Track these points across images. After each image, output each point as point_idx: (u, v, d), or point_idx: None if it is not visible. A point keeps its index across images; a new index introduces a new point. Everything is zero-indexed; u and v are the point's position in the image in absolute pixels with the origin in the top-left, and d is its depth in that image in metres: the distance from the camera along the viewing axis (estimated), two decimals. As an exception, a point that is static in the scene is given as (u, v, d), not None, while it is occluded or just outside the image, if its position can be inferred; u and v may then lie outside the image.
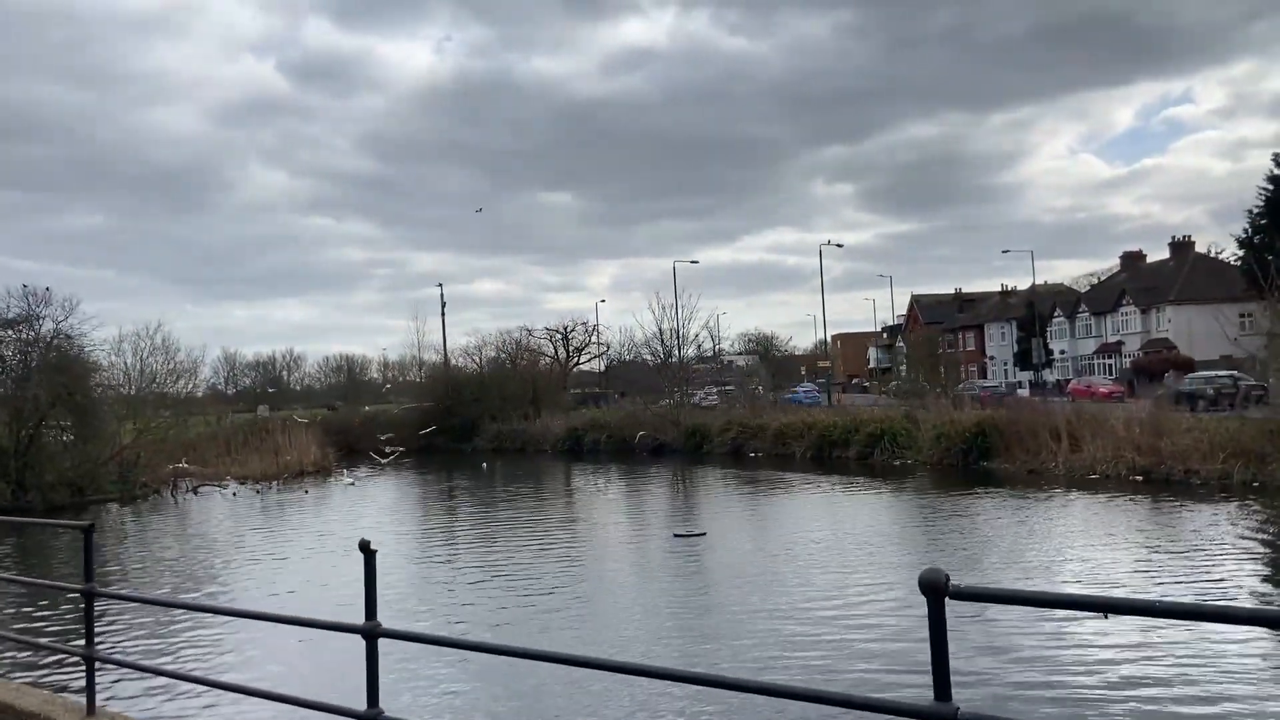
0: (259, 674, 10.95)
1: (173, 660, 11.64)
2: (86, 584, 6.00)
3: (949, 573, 2.66)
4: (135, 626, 13.63)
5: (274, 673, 11.18)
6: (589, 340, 79.96)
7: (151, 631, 13.41)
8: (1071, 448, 30.76)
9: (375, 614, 4.41)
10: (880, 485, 31.42)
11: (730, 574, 17.71)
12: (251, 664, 11.81)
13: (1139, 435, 28.62)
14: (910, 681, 10.11)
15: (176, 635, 13.30)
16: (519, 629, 13.75)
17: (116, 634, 13.07)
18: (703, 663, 11.57)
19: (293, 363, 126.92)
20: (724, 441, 47.81)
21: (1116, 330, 74.44)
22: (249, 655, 12.29)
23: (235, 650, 12.67)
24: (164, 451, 42.53)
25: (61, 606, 15.85)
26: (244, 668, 11.45)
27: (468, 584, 17.80)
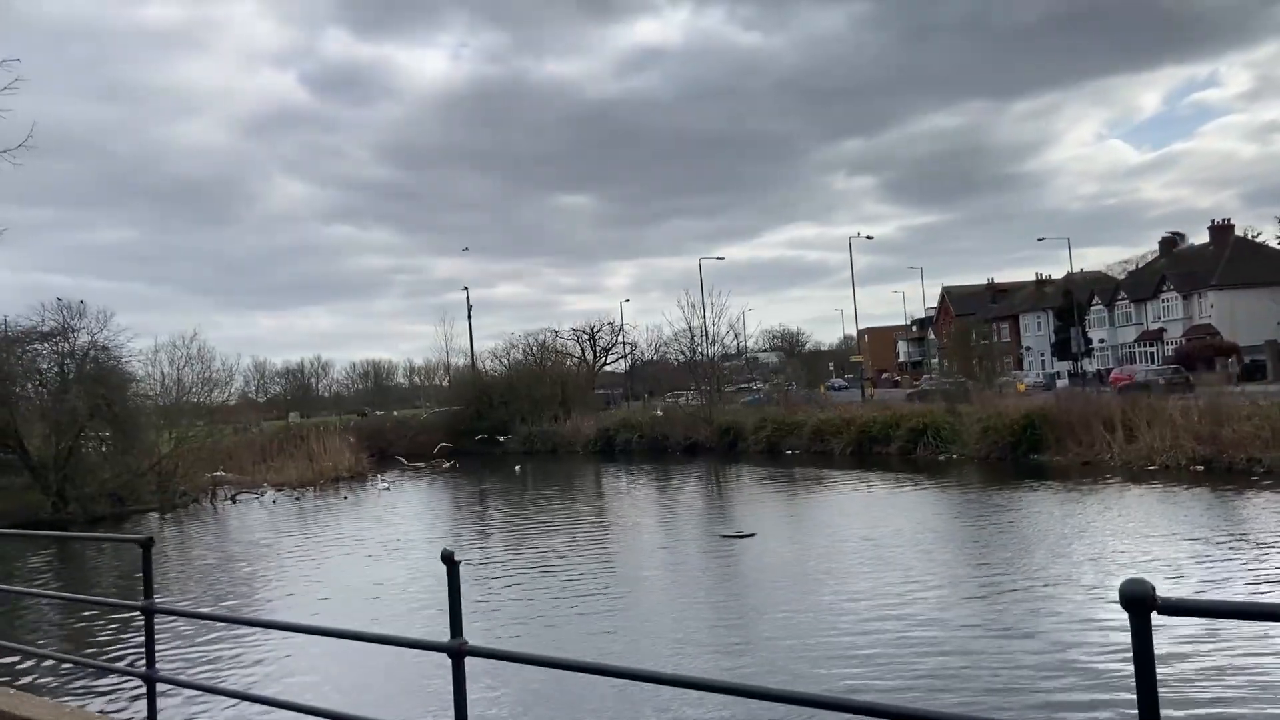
0: (330, 692, 10.53)
1: (239, 680, 11.19)
2: (146, 600, 5.58)
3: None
4: (193, 643, 13.26)
5: (347, 690, 10.76)
6: (615, 340, 79.40)
7: (212, 649, 12.94)
8: (1127, 438, 29.85)
9: (461, 630, 3.90)
10: (928, 481, 30.65)
11: (785, 576, 17.10)
12: (324, 681, 11.37)
13: (1198, 423, 27.68)
14: (1019, 701, 9.49)
15: (239, 652, 12.80)
16: (578, 639, 13.24)
17: (176, 652, 12.64)
18: (780, 674, 11.00)
19: (320, 370, 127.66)
20: (759, 439, 47.13)
21: (1157, 317, 73.00)
22: (322, 672, 11.84)
23: (311, 668, 12.18)
24: (201, 460, 42.49)
25: (108, 622, 15.56)
26: (314, 686, 11.01)
27: (516, 589, 17.31)
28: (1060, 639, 11.84)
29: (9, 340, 36.85)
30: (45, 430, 35.80)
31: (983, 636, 12.28)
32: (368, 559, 21.93)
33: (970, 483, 29.43)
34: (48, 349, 38.26)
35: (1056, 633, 12.18)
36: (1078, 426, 31.69)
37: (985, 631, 12.51)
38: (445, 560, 3.98)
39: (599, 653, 12.08)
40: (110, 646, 13.38)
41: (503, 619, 14.81)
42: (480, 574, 18.68)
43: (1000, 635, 12.27)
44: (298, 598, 17.89)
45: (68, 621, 15.87)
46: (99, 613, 14.58)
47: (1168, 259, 77.26)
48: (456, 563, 4.02)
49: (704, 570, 18.19)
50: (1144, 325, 75.18)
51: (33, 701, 8.37)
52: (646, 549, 21.26)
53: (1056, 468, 30.58)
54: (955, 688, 10.29)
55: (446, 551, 3.99)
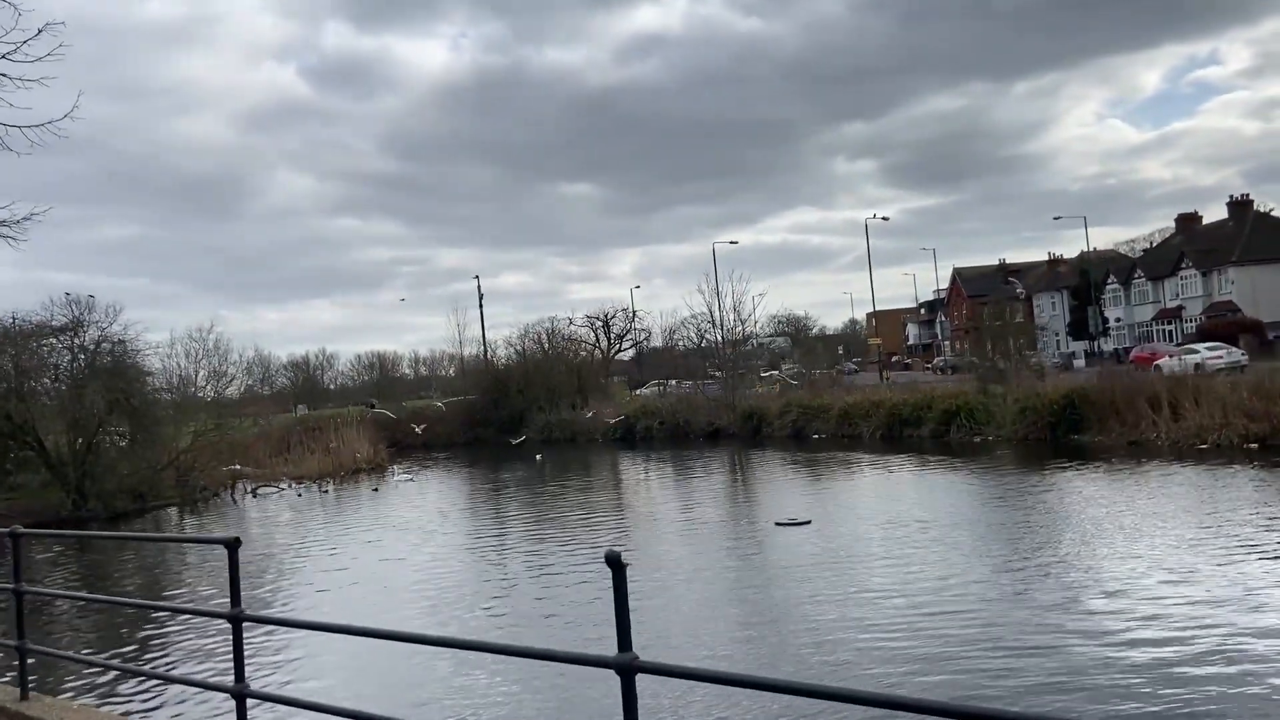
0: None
1: (332, 692, 10.48)
2: (234, 609, 4.89)
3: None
4: (280, 651, 11.91)
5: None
6: (629, 327, 78.68)
7: (301, 659, 11.89)
8: (1173, 416, 29.17)
9: (630, 644, 3.27)
10: (969, 464, 29.97)
11: (854, 565, 16.43)
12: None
13: (1249, 400, 27.00)
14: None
15: (327, 661, 11.93)
16: (666, 640, 12.59)
17: (263, 663, 11.81)
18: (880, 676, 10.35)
19: (325, 362, 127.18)
20: (784, 424, 46.46)
21: (1176, 295, 72.15)
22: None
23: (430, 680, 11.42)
24: (218, 454, 41.83)
25: (184, 628, 14.91)
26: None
27: (586, 588, 16.66)
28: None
29: (23, 335, 36.15)
30: (63, 426, 35.13)
31: (1079, 633, 11.64)
32: (431, 559, 21.28)
33: (1015, 465, 28.76)
34: (62, 344, 37.58)
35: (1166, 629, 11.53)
36: (1121, 405, 30.99)
37: (1080, 626, 11.86)
38: (611, 563, 3.32)
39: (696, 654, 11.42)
40: (193, 657, 12.17)
41: (592, 619, 14.15)
42: (554, 573, 18.05)
43: (1101, 640, 11.61)
44: (380, 597, 17.25)
45: (126, 627, 15.21)
46: (162, 619, 13.86)
47: (1184, 236, 76.36)
48: (624, 566, 3.35)
49: (772, 560, 17.49)
50: (1161, 303, 74.33)
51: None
52: (702, 538, 20.60)
53: (1100, 448, 29.90)
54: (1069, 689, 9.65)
55: (612, 553, 3.33)
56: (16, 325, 35.38)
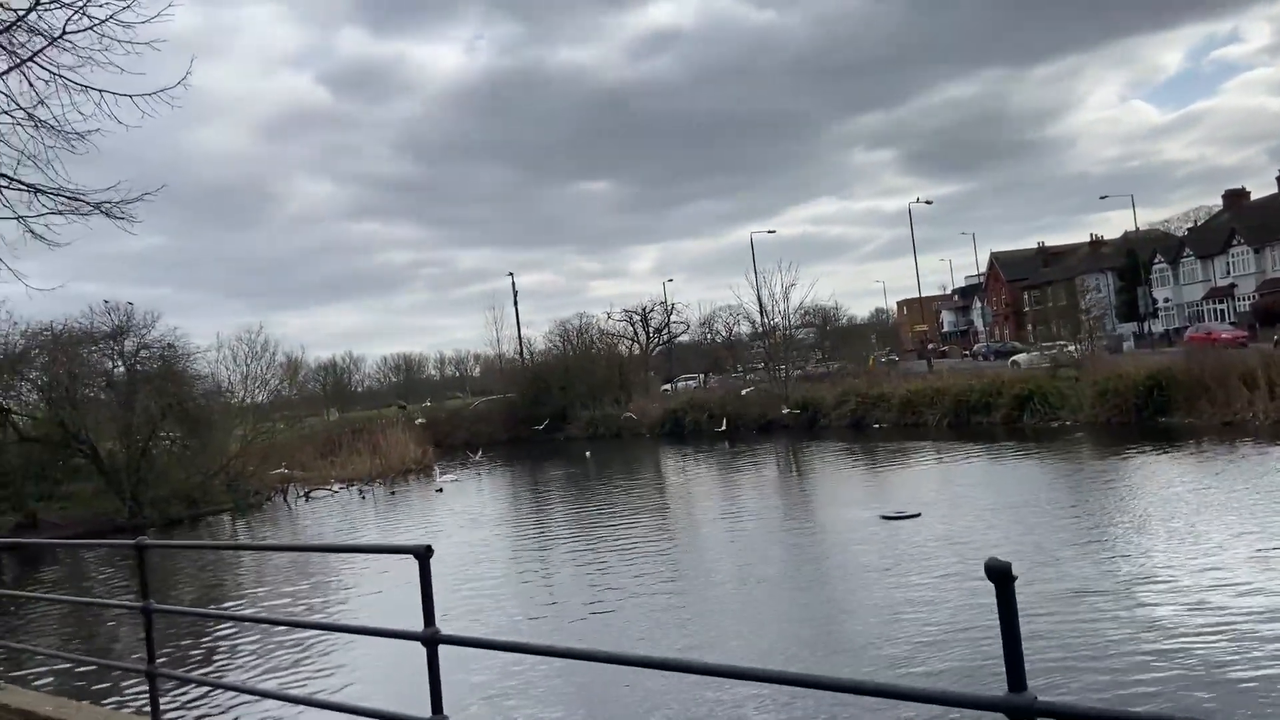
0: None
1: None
2: (428, 629, 4.25)
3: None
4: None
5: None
6: (667, 321, 77.61)
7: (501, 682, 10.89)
8: (1269, 395, 27.83)
9: (1024, 685, 2.50)
10: (1053, 449, 28.77)
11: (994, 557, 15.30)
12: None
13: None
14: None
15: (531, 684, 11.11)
16: (817, 646, 11.57)
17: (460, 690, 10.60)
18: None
19: (353, 364, 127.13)
20: (842, 415, 45.27)
21: (1227, 273, 70.31)
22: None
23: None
24: (266, 458, 41.16)
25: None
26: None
27: (727, 590, 15.66)
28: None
29: (73, 341, 35.54)
30: (115, 433, 34.50)
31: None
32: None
33: (1105, 449, 27.47)
34: (112, 349, 36.95)
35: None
36: (1212, 385, 29.66)
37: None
38: (996, 575, 2.54)
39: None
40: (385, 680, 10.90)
41: (760, 625, 13.16)
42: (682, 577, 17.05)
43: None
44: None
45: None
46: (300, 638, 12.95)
47: (1233, 212, 74.46)
48: (1012, 579, 2.55)
49: (898, 556, 16.38)
50: (1212, 282, 72.51)
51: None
52: (812, 534, 19.54)
53: (1192, 430, 28.61)
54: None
55: (996, 564, 2.55)
56: (66, 332, 34.75)
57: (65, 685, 11.75)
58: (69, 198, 8.92)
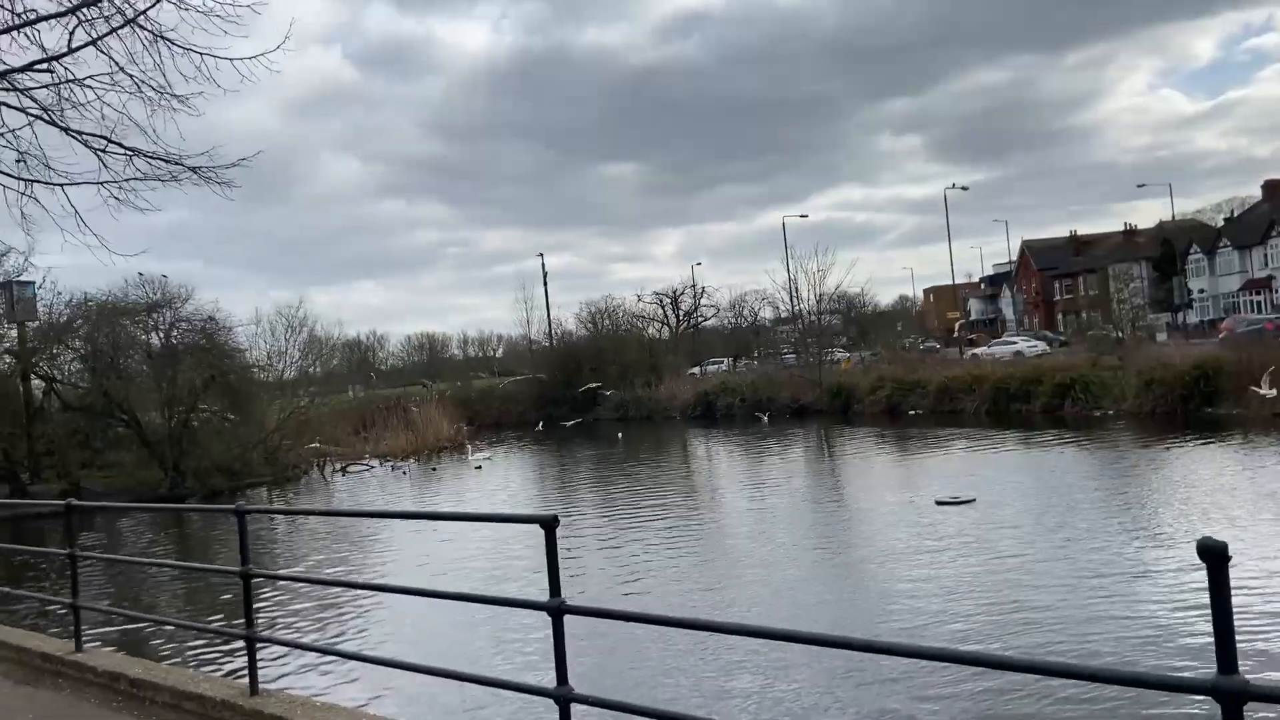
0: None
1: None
2: (554, 599, 4.25)
3: None
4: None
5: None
6: (697, 304, 77.42)
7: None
8: (1324, 387, 27.42)
9: (1235, 668, 2.45)
10: (1096, 439, 28.51)
11: (1057, 549, 15.20)
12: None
13: None
14: None
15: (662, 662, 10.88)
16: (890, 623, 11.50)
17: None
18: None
19: (377, 343, 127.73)
20: (876, 400, 45.03)
21: (1266, 264, 69.32)
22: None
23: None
24: (303, 433, 41.39)
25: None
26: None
27: (800, 568, 15.61)
28: None
29: (116, 312, 35.77)
30: (158, 403, 34.77)
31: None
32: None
33: (1153, 438, 27.18)
34: (153, 321, 37.21)
35: None
36: (1260, 376, 29.21)
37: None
38: (1209, 555, 2.42)
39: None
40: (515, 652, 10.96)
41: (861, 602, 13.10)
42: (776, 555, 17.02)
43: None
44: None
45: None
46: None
47: (1273, 204, 73.25)
48: (1228, 559, 2.45)
49: (965, 542, 16.24)
50: (1249, 273, 71.52)
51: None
52: (867, 518, 19.45)
53: (1240, 421, 28.26)
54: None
55: (1210, 543, 2.43)
56: (110, 303, 34.99)
57: (155, 649, 11.88)
58: (168, 161, 8.89)
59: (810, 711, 8.82)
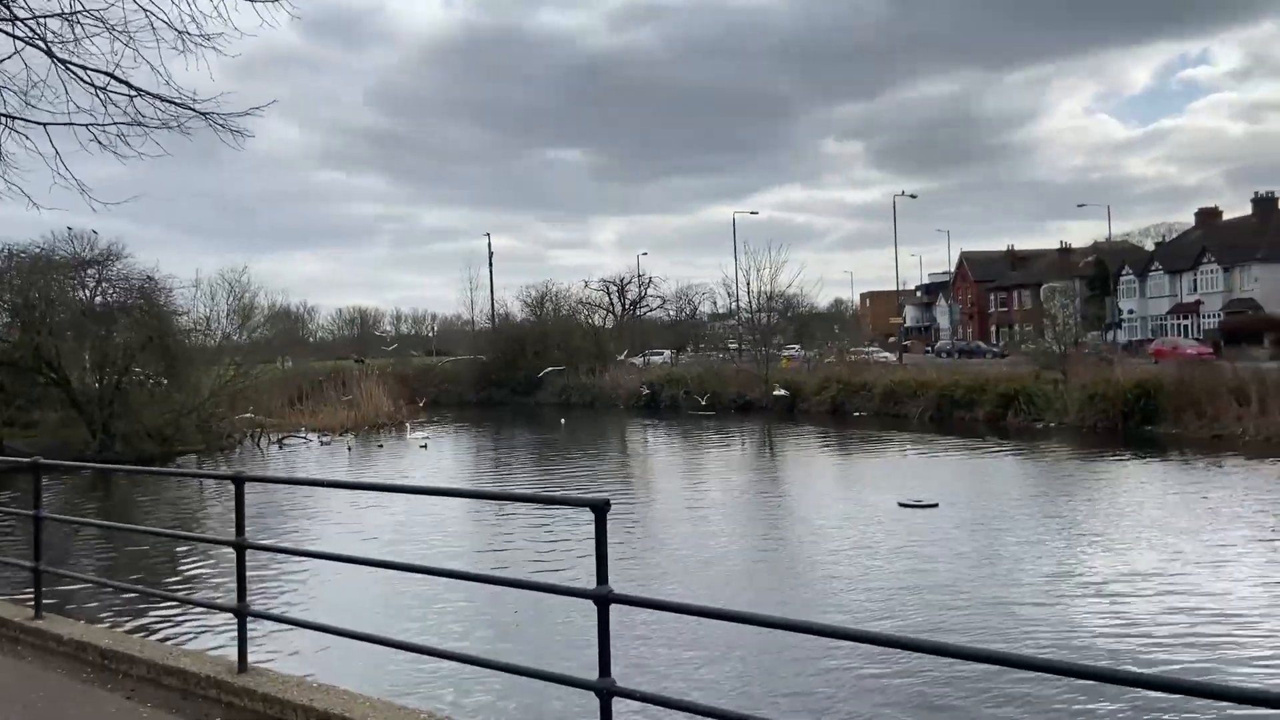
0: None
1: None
2: (600, 587, 4.14)
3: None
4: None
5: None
6: (643, 294, 77.28)
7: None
8: (1260, 411, 28.37)
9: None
10: (1048, 450, 29.05)
11: (1035, 555, 15.38)
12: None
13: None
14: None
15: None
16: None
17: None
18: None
19: (307, 314, 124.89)
20: (822, 400, 45.41)
21: (1195, 289, 71.77)
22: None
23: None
24: (235, 401, 40.07)
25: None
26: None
27: (763, 568, 15.45)
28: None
29: (46, 266, 34.11)
30: (90, 363, 33.29)
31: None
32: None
33: (1096, 452, 27.79)
34: (86, 278, 35.61)
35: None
36: (1201, 397, 30.16)
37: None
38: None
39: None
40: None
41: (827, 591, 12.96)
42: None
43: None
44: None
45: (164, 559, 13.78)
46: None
47: (1205, 230, 75.86)
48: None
49: (929, 544, 16.34)
50: (1178, 297, 74.01)
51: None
52: (827, 518, 19.42)
53: (1178, 440, 29.08)
54: None
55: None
56: (44, 256, 33.36)
57: (132, 621, 11.24)
58: (177, 105, 8.30)
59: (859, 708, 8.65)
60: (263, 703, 5.63)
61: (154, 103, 8.30)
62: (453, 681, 8.54)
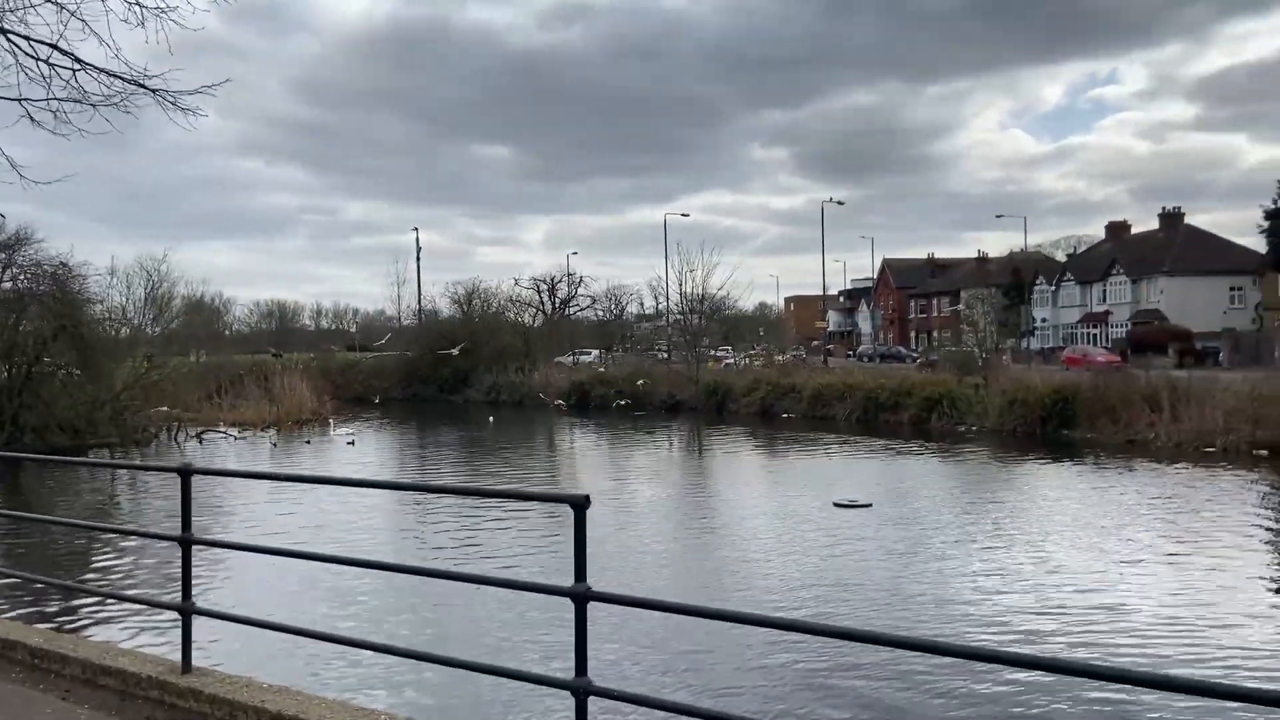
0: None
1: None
2: (579, 584, 4.05)
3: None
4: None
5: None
6: (573, 293, 77.08)
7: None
8: (1172, 418, 29.54)
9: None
10: (970, 453, 29.83)
11: (966, 553, 15.77)
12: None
13: (1256, 406, 27.49)
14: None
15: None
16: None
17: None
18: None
19: (223, 306, 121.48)
20: (751, 402, 45.88)
21: (1104, 300, 74.54)
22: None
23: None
24: (150, 395, 38.69)
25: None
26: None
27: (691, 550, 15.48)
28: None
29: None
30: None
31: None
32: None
33: (1017, 455, 28.67)
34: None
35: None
36: (1116, 404, 31.30)
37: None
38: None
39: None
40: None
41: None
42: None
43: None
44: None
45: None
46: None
47: (1114, 243, 78.85)
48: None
49: (861, 544, 16.61)
50: (1088, 307, 76.76)
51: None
52: (764, 517, 19.61)
53: (1094, 444, 30.12)
54: None
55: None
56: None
57: (68, 620, 10.71)
58: (126, 80, 7.94)
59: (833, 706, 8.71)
60: (210, 704, 5.40)
61: (99, 77, 7.91)
62: (414, 682, 8.36)
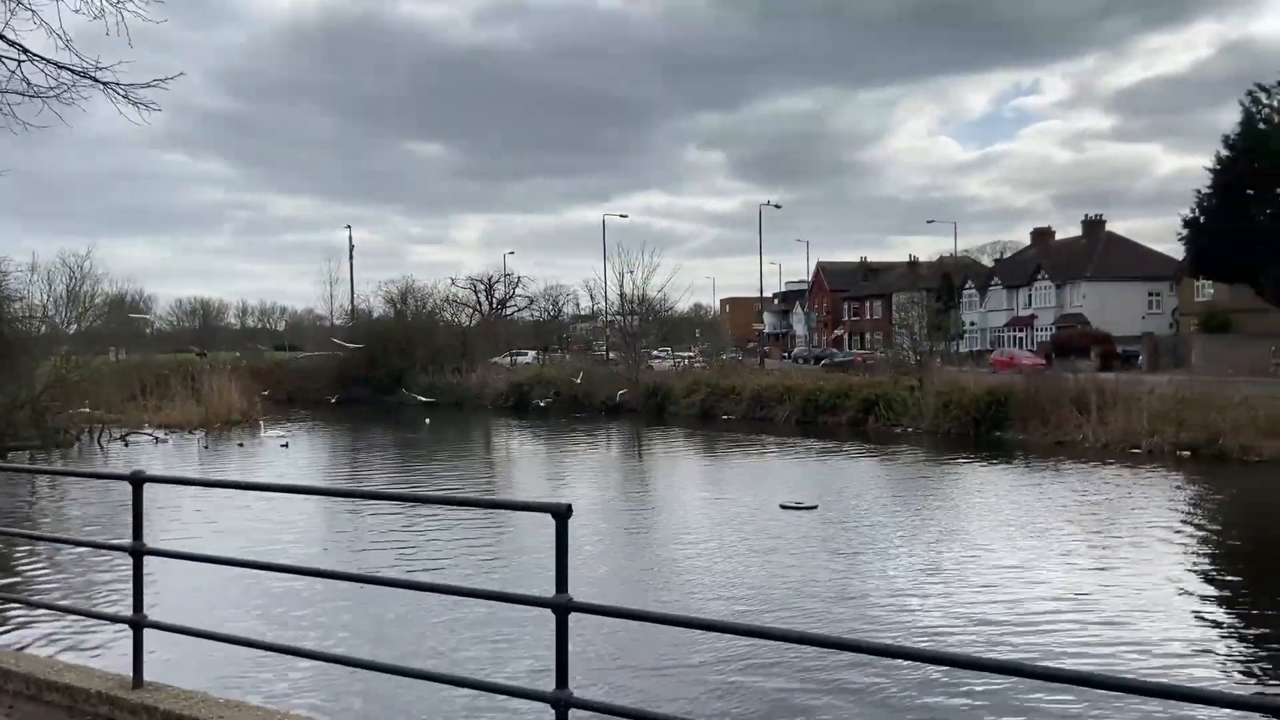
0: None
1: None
2: (560, 595, 3.95)
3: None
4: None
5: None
6: (511, 293, 76.50)
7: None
8: (1100, 419, 30.45)
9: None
10: (906, 454, 30.37)
11: (910, 551, 16.01)
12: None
13: (1180, 409, 28.48)
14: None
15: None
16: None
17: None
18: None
19: (144, 304, 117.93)
20: (691, 403, 46.05)
21: (1029, 304, 76.60)
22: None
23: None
24: (71, 395, 37.27)
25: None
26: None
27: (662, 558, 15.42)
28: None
29: None
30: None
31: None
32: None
33: (950, 455, 29.25)
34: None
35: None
36: (1046, 406, 32.15)
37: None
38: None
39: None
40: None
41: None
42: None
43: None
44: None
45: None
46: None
47: (1039, 249, 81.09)
48: None
49: (808, 545, 16.75)
50: (1014, 311, 78.80)
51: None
52: (716, 519, 19.64)
53: (1026, 445, 30.91)
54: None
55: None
56: None
57: (12, 634, 10.19)
58: (76, 72, 7.59)
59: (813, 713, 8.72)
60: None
61: (44, 68, 7.55)
62: (385, 696, 8.14)
